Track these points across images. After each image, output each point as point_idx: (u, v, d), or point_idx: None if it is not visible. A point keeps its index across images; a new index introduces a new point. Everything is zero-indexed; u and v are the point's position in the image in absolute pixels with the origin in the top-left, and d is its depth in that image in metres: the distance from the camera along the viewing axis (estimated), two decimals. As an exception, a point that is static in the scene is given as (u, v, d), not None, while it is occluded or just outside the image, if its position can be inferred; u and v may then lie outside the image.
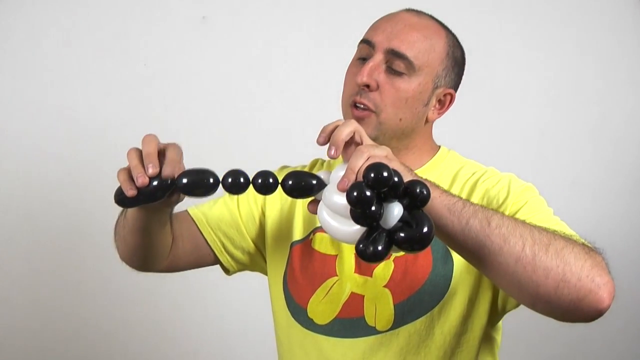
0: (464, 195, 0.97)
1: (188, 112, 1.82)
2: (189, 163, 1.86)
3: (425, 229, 0.70)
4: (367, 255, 0.71)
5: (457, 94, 1.06)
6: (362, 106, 0.98)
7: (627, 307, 1.85)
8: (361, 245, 0.71)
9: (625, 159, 1.88)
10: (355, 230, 0.74)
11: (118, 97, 1.79)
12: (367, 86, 0.97)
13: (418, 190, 0.71)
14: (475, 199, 0.96)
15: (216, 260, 1.12)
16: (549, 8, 1.87)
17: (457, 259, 0.95)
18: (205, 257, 1.11)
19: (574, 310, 0.76)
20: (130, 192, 0.83)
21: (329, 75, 1.06)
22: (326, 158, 1.15)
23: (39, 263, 1.76)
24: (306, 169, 1.13)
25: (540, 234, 0.77)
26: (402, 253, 0.95)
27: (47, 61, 1.77)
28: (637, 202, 1.87)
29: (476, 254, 0.78)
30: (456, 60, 1.04)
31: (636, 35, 1.86)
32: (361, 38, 1.02)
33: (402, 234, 0.70)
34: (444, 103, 1.03)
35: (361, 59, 1.00)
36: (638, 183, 1.87)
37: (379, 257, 0.71)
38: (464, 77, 1.04)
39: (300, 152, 1.20)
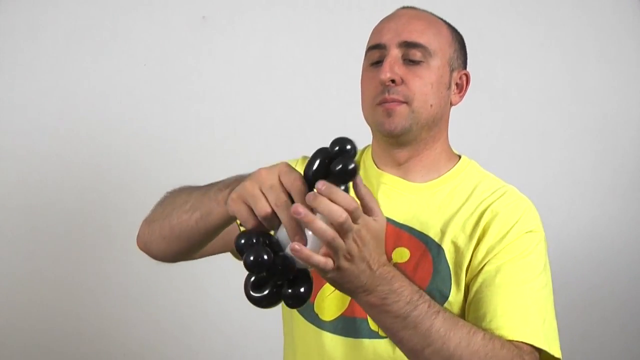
0: (475, 216, 0.97)
1: (188, 112, 1.82)
2: (189, 163, 1.87)
3: (302, 290, 0.74)
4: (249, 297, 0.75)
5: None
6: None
7: (627, 307, 1.85)
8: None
9: (625, 159, 1.87)
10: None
11: (118, 97, 1.79)
12: (393, 81, 0.98)
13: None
14: (481, 223, 0.96)
15: None
16: (549, 8, 1.87)
17: (455, 283, 0.95)
18: (228, 246, 1.09)
19: None
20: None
21: (329, 75, 1.06)
22: None
23: (38, 262, 1.75)
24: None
25: (450, 341, 0.78)
26: (405, 259, 0.95)
27: (47, 61, 1.77)
28: (637, 202, 1.87)
29: (397, 341, 0.80)
30: (460, 42, 1.07)
31: (636, 35, 1.86)
32: (367, 46, 1.04)
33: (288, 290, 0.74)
34: (462, 86, 1.06)
35: (373, 64, 1.02)
36: (638, 183, 1.87)
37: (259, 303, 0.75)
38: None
39: (300, 152, 1.20)
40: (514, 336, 0.86)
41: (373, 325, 0.97)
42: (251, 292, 0.74)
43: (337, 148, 0.72)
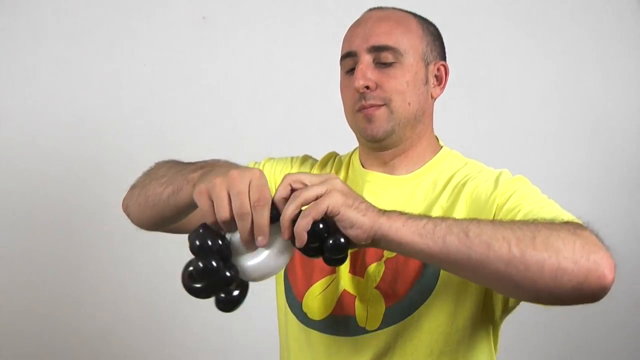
0: (451, 198, 0.98)
1: (188, 112, 1.82)
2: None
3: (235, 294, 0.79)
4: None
5: (457, 94, 1.07)
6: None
7: (626, 307, 1.85)
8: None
9: (625, 159, 1.88)
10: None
11: (118, 97, 1.79)
12: (367, 88, 0.98)
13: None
14: (463, 198, 0.97)
15: None
16: (548, 8, 1.87)
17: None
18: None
19: (579, 293, 0.74)
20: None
21: (329, 75, 1.07)
22: (341, 153, 1.16)
23: (38, 262, 1.76)
24: (318, 165, 1.14)
25: (521, 230, 0.75)
26: (394, 253, 0.96)
27: (47, 61, 1.77)
28: (637, 202, 1.87)
29: (464, 268, 0.77)
30: (433, 34, 1.06)
31: (636, 35, 1.87)
32: (340, 55, 1.04)
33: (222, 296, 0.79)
34: (441, 78, 1.05)
35: (348, 72, 1.02)
36: (638, 183, 1.87)
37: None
38: (463, 77, 1.06)
39: (300, 152, 1.20)
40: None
41: (361, 322, 0.98)
42: (192, 284, 0.76)
43: None
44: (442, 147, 1.09)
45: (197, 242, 0.75)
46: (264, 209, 0.74)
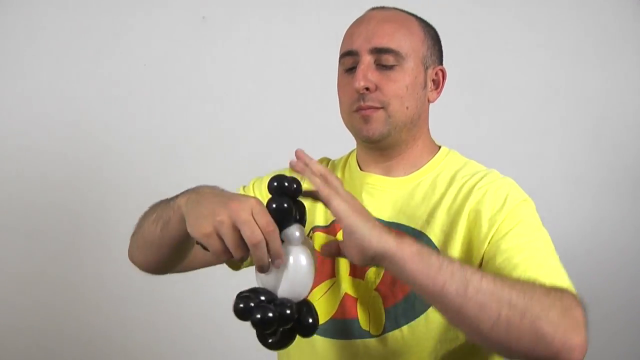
0: (459, 199, 0.97)
1: (188, 112, 1.82)
2: (189, 162, 1.87)
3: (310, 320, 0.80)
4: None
5: (456, 94, 1.07)
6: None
7: (627, 307, 1.85)
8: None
9: (625, 159, 1.87)
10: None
11: (118, 97, 1.79)
12: (367, 89, 0.98)
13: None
14: (468, 207, 0.96)
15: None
16: (548, 8, 1.87)
17: None
18: (214, 260, 1.10)
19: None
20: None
21: (329, 75, 1.06)
22: (333, 158, 1.16)
23: (38, 262, 1.76)
24: None
25: (518, 297, 0.75)
26: None
27: (47, 61, 1.77)
28: (637, 202, 1.87)
29: (449, 315, 0.78)
30: (434, 38, 1.05)
31: (636, 35, 1.86)
32: (340, 52, 1.04)
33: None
34: (438, 82, 1.05)
35: (348, 71, 1.01)
36: (638, 183, 1.87)
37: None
38: (463, 77, 1.05)
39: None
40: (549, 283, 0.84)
41: (364, 325, 0.97)
42: (269, 342, 0.80)
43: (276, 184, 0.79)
44: (439, 147, 1.08)
45: (259, 316, 0.76)
46: (275, 233, 0.75)
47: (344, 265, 1.01)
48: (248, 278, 1.29)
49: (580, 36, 1.87)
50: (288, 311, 0.77)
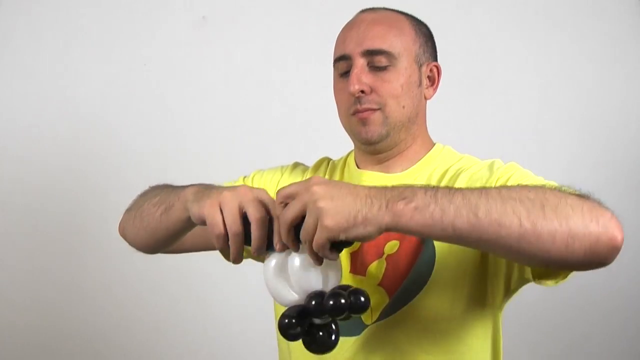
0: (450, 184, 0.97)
1: (188, 112, 1.82)
2: (189, 162, 1.87)
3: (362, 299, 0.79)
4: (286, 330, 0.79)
5: (456, 94, 1.07)
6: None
7: (627, 307, 1.85)
8: (286, 320, 0.79)
9: (625, 159, 1.87)
10: (291, 300, 0.81)
11: (118, 97, 1.79)
12: (362, 92, 0.98)
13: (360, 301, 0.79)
14: (459, 184, 0.96)
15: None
16: (548, 8, 1.87)
17: (438, 243, 0.94)
18: (210, 245, 1.10)
19: (591, 258, 0.75)
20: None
21: (329, 75, 1.06)
22: (333, 158, 1.16)
23: (39, 261, 1.76)
24: (310, 170, 1.14)
25: (530, 199, 0.74)
26: (395, 250, 0.95)
27: (48, 61, 1.77)
28: (637, 202, 1.87)
29: (476, 246, 0.78)
30: (425, 35, 1.06)
31: (635, 35, 1.86)
32: (333, 57, 1.04)
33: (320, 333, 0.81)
34: (434, 78, 1.06)
35: (342, 75, 1.02)
36: (638, 183, 1.87)
37: (292, 338, 0.80)
38: (463, 77, 1.05)
39: (300, 152, 1.20)
40: None
41: (367, 320, 0.97)
42: (334, 338, 0.82)
43: None
44: (434, 144, 1.09)
45: (285, 322, 0.78)
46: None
47: (344, 263, 1.00)
48: (247, 279, 1.29)
49: (580, 36, 1.87)
50: (362, 298, 0.78)
